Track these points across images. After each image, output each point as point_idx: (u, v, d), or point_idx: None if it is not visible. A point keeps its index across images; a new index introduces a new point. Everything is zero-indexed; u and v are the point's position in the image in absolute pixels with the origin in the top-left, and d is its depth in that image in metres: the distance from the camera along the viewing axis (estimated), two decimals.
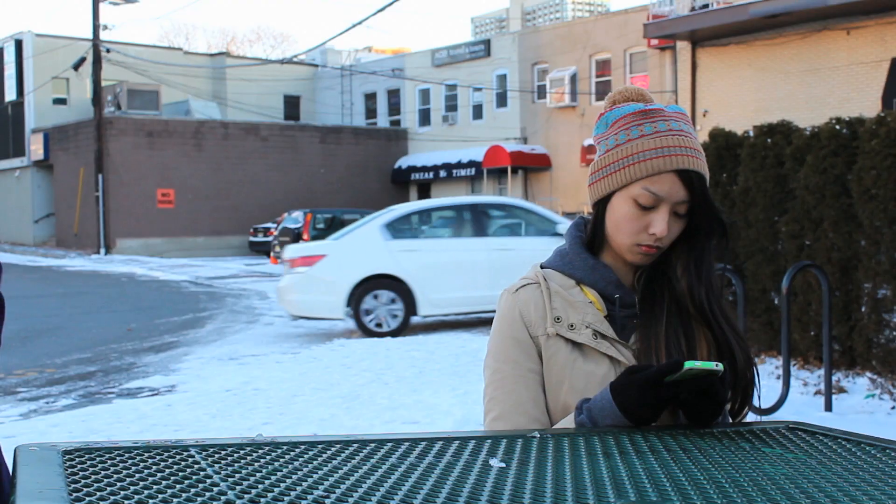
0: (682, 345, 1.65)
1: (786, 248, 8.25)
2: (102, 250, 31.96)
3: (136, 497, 1.02)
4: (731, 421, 1.65)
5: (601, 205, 1.71)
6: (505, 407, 1.69)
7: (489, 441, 1.33)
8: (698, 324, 1.67)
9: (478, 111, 36.72)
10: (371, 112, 41.15)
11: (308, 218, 24.83)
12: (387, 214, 12.61)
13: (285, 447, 1.28)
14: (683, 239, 1.68)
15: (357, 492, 1.05)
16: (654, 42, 27.35)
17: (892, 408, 6.83)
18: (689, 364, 1.42)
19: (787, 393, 6.54)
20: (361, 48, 47.94)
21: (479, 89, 36.04)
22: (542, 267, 1.79)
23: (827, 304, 6.88)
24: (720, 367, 1.43)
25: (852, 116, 7.95)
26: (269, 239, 29.27)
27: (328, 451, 1.25)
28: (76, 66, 32.33)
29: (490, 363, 1.74)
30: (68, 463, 1.18)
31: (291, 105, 42.36)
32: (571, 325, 1.68)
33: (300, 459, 1.21)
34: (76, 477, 1.11)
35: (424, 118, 38.81)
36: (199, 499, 1.02)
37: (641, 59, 30.54)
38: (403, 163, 38.51)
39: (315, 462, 1.19)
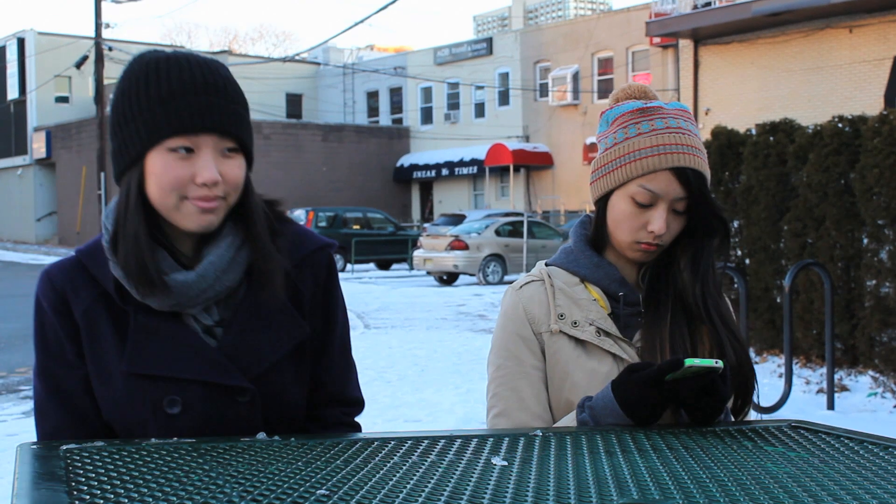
0: (687, 343, 1.65)
1: (788, 247, 8.24)
2: None
3: (138, 498, 1.02)
4: (732, 419, 1.64)
5: (602, 203, 1.71)
6: (507, 404, 1.68)
7: (492, 439, 1.33)
8: (700, 321, 1.67)
9: (480, 109, 36.71)
10: (373, 110, 41.14)
11: (310, 216, 24.81)
12: None
13: (287, 446, 1.28)
14: (686, 236, 1.68)
15: (360, 491, 1.05)
16: (657, 40, 27.34)
17: (895, 406, 6.82)
18: (689, 362, 1.42)
19: (789, 391, 6.54)
20: (363, 46, 47.98)
21: (481, 87, 36.03)
22: (546, 264, 1.78)
23: (829, 302, 6.87)
24: (721, 364, 1.42)
25: (855, 115, 7.94)
26: None
27: (330, 451, 1.25)
28: (78, 65, 32.31)
29: (493, 359, 1.73)
30: (69, 461, 1.18)
31: (293, 103, 42.36)
32: (575, 323, 1.67)
33: (303, 459, 1.21)
34: (77, 475, 1.11)
35: (426, 116, 38.80)
36: (199, 497, 1.02)
37: (644, 58, 30.51)
38: (405, 161, 38.49)
39: (317, 461, 1.19)
